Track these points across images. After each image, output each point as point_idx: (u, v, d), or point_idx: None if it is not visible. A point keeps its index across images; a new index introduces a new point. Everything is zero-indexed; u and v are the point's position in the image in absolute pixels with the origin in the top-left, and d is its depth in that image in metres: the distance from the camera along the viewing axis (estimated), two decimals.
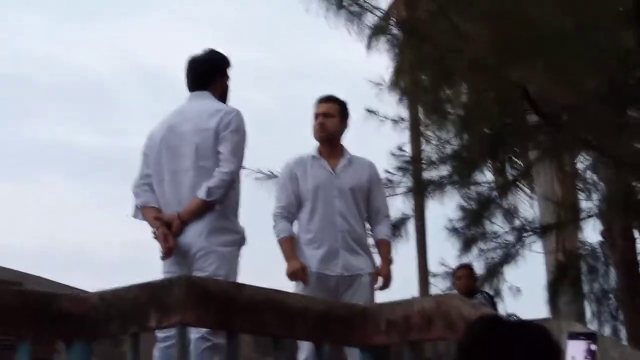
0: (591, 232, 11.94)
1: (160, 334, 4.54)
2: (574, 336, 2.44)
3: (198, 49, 5.07)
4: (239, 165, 4.86)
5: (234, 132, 4.81)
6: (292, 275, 5.49)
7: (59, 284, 9.49)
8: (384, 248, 5.79)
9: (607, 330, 11.24)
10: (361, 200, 5.68)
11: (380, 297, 5.59)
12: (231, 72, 5.12)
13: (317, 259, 5.53)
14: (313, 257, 5.54)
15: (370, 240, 5.93)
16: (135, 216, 4.97)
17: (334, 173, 5.66)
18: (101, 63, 36.96)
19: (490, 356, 2.01)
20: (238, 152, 4.83)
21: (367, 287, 5.56)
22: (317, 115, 5.73)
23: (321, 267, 5.51)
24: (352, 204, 5.63)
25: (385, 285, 5.66)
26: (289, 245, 5.59)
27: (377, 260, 5.72)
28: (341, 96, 5.80)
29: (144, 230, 4.85)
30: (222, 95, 5.05)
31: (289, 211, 5.65)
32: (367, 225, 5.81)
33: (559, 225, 11.06)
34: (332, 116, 5.71)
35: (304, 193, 5.64)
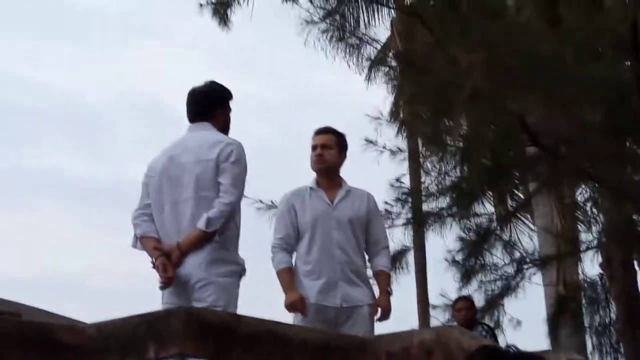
0: (591, 265, 11.92)
1: None
2: None
3: (196, 79, 5.10)
4: (239, 197, 4.87)
5: (234, 163, 4.82)
6: (291, 306, 5.48)
7: (56, 315, 9.47)
8: (383, 279, 5.77)
9: None
10: (360, 231, 5.67)
11: (380, 329, 5.57)
12: (232, 103, 5.15)
13: (316, 291, 5.51)
14: (312, 289, 5.52)
15: (369, 272, 5.92)
16: (134, 246, 4.96)
17: (331, 205, 5.66)
18: (98, 92, 37.08)
19: None
20: (238, 184, 4.83)
21: (366, 319, 5.55)
22: (315, 147, 5.74)
23: (320, 298, 5.50)
24: (351, 235, 5.63)
25: (385, 316, 5.63)
26: (288, 277, 5.58)
27: (376, 291, 5.70)
28: (340, 128, 5.83)
29: (143, 261, 4.86)
30: (223, 127, 5.06)
31: (288, 242, 5.65)
32: (366, 257, 5.81)
33: (559, 257, 11.04)
34: (330, 148, 5.72)
35: (302, 225, 5.63)
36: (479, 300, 10.96)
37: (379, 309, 5.61)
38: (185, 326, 3.55)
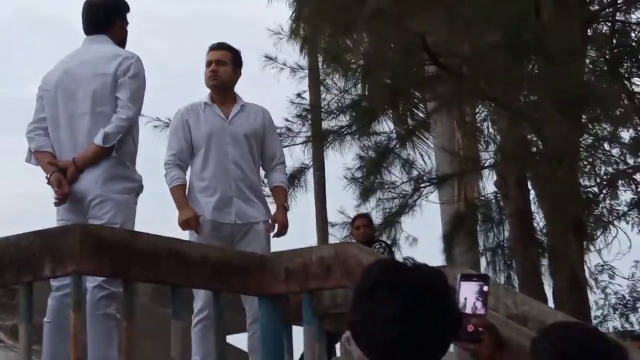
0: (488, 183, 12.17)
1: (54, 283, 4.45)
2: (467, 278, 2.48)
3: None
4: (138, 112, 4.78)
5: (133, 77, 4.72)
6: (184, 223, 5.43)
7: None
8: (280, 195, 5.76)
9: (501, 279, 11.52)
10: (255, 147, 5.63)
11: (279, 246, 5.58)
12: (129, 17, 5.01)
13: (211, 207, 5.47)
14: (207, 205, 5.47)
15: (266, 189, 5.91)
16: (28, 161, 4.84)
17: (226, 120, 5.59)
18: None
19: (388, 296, 2.02)
20: (137, 99, 4.74)
21: (262, 235, 5.53)
22: (209, 63, 5.65)
23: (215, 215, 5.46)
24: (247, 150, 5.57)
25: (281, 232, 5.63)
26: (181, 194, 5.53)
27: (273, 208, 5.70)
28: (240, 45, 5.75)
29: (37, 182, 4.74)
30: (120, 41, 4.94)
31: (181, 159, 5.58)
32: (262, 173, 5.79)
33: (459, 175, 11.23)
34: (224, 64, 5.64)
35: (196, 140, 5.56)
36: (377, 218, 11.13)
37: (276, 225, 5.61)
38: (82, 243, 3.50)
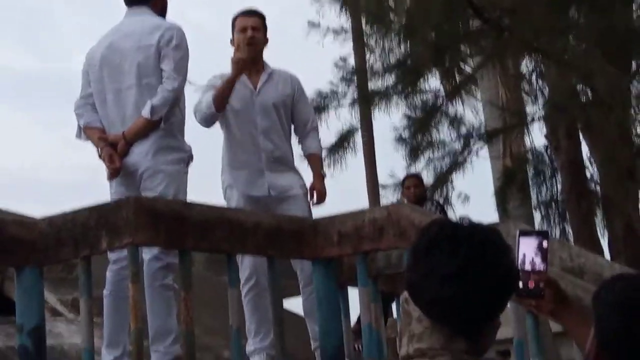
0: (537, 136, 12.07)
1: (112, 256, 4.51)
2: (526, 233, 2.46)
3: None
4: (183, 82, 4.78)
5: (176, 48, 4.72)
6: (238, 63, 5.24)
7: (6, 211, 9.38)
8: (316, 162, 5.64)
9: (556, 233, 11.44)
10: (285, 115, 5.51)
11: (331, 210, 5.54)
12: None
13: (242, 181, 5.37)
14: (237, 179, 5.37)
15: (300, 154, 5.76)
16: (78, 137, 4.89)
17: (255, 90, 5.45)
18: None
19: (446, 255, 2.02)
20: (181, 69, 4.74)
21: (300, 200, 5.41)
22: (243, 29, 5.43)
23: (247, 189, 5.35)
24: (276, 120, 5.45)
25: (320, 200, 5.52)
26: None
27: (307, 175, 5.57)
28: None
29: (88, 154, 4.78)
30: (161, 11, 4.94)
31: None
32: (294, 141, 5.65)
33: (505, 130, 11.13)
34: (258, 30, 5.46)
35: (225, 113, 5.39)
36: (428, 177, 11.09)
37: (315, 193, 5.51)
38: (136, 216, 3.53)
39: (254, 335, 5.21)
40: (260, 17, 5.54)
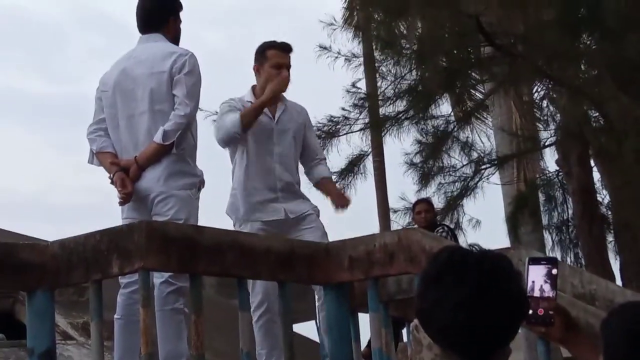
0: (549, 162, 12.06)
1: (123, 280, 4.52)
2: (535, 261, 2.46)
3: None
4: (195, 108, 4.81)
5: (188, 74, 4.75)
6: (278, 84, 5.31)
7: (18, 234, 9.42)
8: (330, 183, 5.76)
9: (569, 259, 11.41)
10: (298, 145, 5.56)
11: (342, 235, 5.56)
12: (182, 14, 5.05)
13: (258, 207, 5.36)
14: (253, 205, 5.37)
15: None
16: (90, 162, 4.91)
17: (273, 119, 5.48)
18: (49, 6, 36.32)
19: (456, 283, 2.03)
20: (193, 95, 4.77)
21: (316, 219, 5.45)
22: (280, 65, 5.45)
23: (263, 215, 5.35)
24: (292, 150, 5.51)
25: (345, 204, 5.60)
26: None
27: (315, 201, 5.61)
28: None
29: (100, 177, 4.81)
30: (174, 38, 4.98)
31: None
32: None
33: (517, 155, 11.14)
34: (289, 68, 5.49)
35: (246, 136, 5.39)
36: (439, 202, 11.09)
37: (337, 201, 5.55)
38: (148, 240, 3.54)
39: None
40: (291, 52, 5.56)
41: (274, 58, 5.47)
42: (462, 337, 2.02)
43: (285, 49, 5.51)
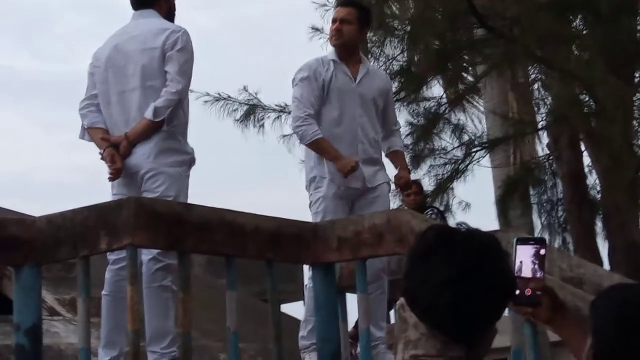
0: (540, 145, 12.07)
1: (111, 256, 4.51)
2: (523, 241, 2.45)
3: None
4: (187, 85, 4.79)
5: (180, 51, 4.73)
6: (351, 170, 5.19)
7: (5, 209, 9.39)
8: (401, 157, 5.71)
9: (557, 242, 11.44)
10: (378, 111, 5.47)
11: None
12: None
13: (339, 173, 5.25)
14: (334, 170, 5.25)
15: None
16: (82, 137, 4.90)
17: (354, 81, 5.40)
18: None
19: (443, 261, 2.02)
20: (185, 72, 4.75)
21: (386, 194, 5.45)
22: (334, 20, 5.44)
23: (345, 180, 5.24)
24: (373, 114, 5.42)
25: (407, 187, 5.80)
26: (329, 144, 5.26)
27: (390, 169, 5.62)
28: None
29: (91, 154, 4.79)
30: (168, 14, 4.95)
31: (312, 115, 5.29)
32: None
33: (510, 138, 11.14)
34: (349, 22, 5.40)
35: (327, 96, 5.33)
36: (429, 185, 11.09)
37: (402, 181, 5.52)
38: (136, 217, 3.53)
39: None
40: (357, 7, 5.51)
41: (334, 15, 5.52)
42: (448, 316, 2.02)
43: (343, 2, 5.53)
